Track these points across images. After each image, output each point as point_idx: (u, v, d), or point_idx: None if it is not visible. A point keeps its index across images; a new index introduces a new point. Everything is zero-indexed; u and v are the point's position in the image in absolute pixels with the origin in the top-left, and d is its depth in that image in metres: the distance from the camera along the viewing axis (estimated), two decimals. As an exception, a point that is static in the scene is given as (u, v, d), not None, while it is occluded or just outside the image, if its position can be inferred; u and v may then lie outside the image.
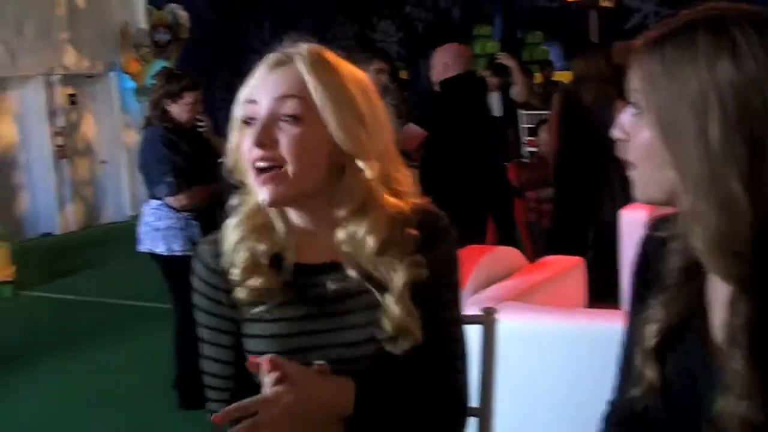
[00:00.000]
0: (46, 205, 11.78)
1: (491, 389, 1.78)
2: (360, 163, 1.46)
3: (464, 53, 5.78)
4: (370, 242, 1.47)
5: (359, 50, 5.74)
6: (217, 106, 4.79)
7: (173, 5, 13.19)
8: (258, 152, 1.43)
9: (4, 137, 11.47)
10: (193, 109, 4.66)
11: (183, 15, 13.13)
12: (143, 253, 4.68)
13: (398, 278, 1.47)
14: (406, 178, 1.57)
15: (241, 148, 1.47)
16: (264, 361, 1.39)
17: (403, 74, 11.17)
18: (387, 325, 1.47)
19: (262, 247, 1.52)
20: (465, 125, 5.56)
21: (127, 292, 7.60)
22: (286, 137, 1.43)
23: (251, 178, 1.46)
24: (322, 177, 1.47)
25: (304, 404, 1.38)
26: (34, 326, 7.09)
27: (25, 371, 5.74)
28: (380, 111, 1.52)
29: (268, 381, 1.38)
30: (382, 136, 1.51)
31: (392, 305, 1.47)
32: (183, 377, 4.69)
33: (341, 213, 1.48)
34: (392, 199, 1.51)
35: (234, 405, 1.36)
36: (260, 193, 1.45)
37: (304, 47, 1.50)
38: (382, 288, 1.49)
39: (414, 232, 1.50)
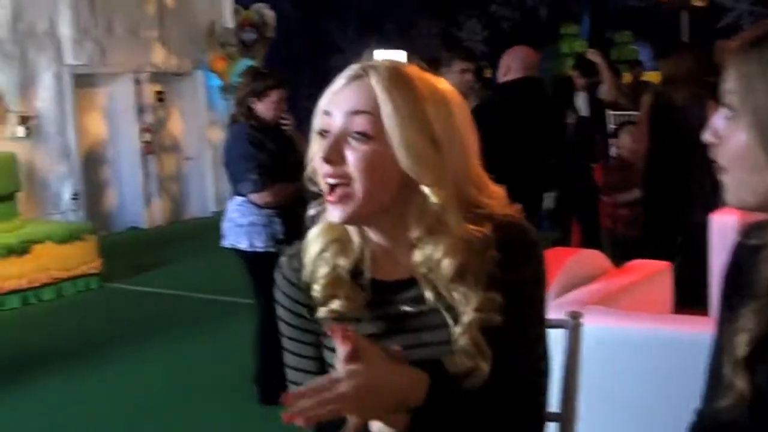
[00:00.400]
0: (132, 199, 12.02)
1: (574, 394, 1.74)
2: (425, 189, 1.41)
3: (529, 57, 5.65)
4: (446, 266, 1.41)
5: (444, 49, 5.69)
6: (301, 105, 4.81)
7: (260, 4, 13.34)
8: (327, 168, 1.40)
9: (94, 133, 11.74)
10: (278, 107, 4.71)
11: (269, 14, 13.27)
12: (226, 248, 4.74)
13: (469, 312, 1.42)
14: (494, 197, 1.50)
15: (315, 160, 1.44)
16: (339, 331, 1.34)
17: (488, 73, 11.08)
18: (451, 363, 1.42)
19: (342, 261, 1.49)
20: (514, 129, 5.40)
21: (210, 287, 7.71)
22: (354, 155, 1.39)
23: (324, 193, 1.44)
24: (393, 196, 1.42)
25: (376, 387, 1.32)
26: (119, 318, 7.23)
27: (109, 362, 5.86)
28: (460, 130, 1.45)
29: (341, 353, 1.33)
30: (461, 157, 1.44)
31: (460, 338, 1.42)
32: (264, 372, 4.73)
33: (415, 234, 1.44)
34: (468, 225, 1.43)
35: (304, 386, 1.32)
36: (330, 212, 1.43)
37: (382, 62, 1.45)
38: (455, 313, 1.44)
39: (494, 252, 1.43)
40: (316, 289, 1.49)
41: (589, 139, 7.72)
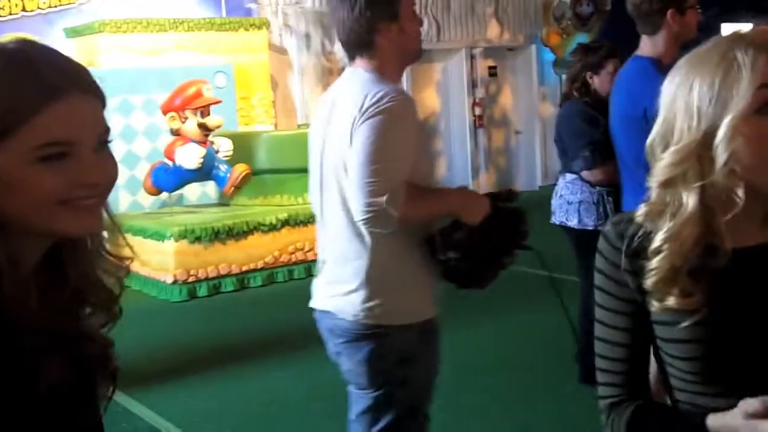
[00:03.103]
0: (461, 171, 12.32)
1: None
2: None
3: None
4: None
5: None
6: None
7: (599, -24, 13.10)
8: None
9: (428, 106, 12.14)
10: (614, 78, 4.60)
11: (607, -14, 13.01)
12: (555, 224, 4.71)
13: None
14: None
15: (760, 138, 1.34)
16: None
17: None
18: None
19: (682, 251, 1.40)
20: None
21: (535, 262, 7.70)
22: None
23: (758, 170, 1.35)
24: None
25: None
26: (446, 287, 7.42)
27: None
28: None
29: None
30: None
31: None
32: (586, 352, 4.67)
33: None
34: None
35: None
36: None
37: None
38: None
39: None
40: (649, 283, 1.42)
41: None
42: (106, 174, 1.18)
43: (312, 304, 2.88)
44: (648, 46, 3.39)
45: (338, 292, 2.74)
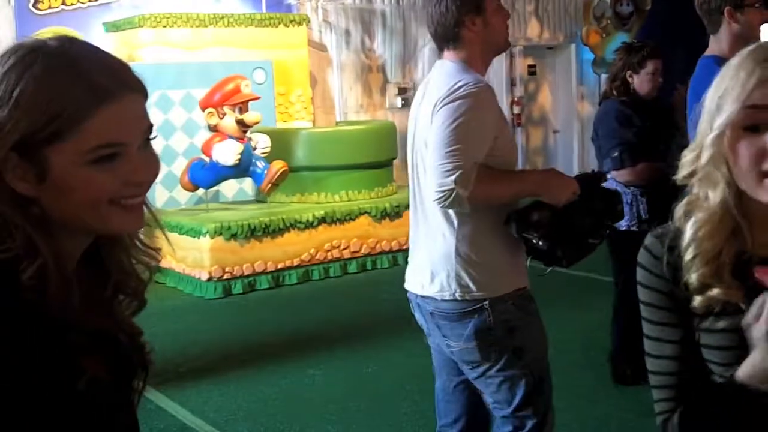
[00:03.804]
0: (499, 171, 12.26)
1: None
2: None
3: None
4: None
5: None
6: (674, 79, 4.62)
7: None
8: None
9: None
10: (654, 78, 4.59)
11: (647, -14, 12.89)
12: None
13: None
14: None
15: (739, 152, 1.35)
16: None
17: None
18: None
19: (720, 246, 1.40)
20: None
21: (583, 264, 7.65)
22: None
23: (747, 182, 1.35)
24: None
25: None
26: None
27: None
28: None
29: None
30: None
31: None
32: (619, 352, 4.67)
33: None
34: None
35: None
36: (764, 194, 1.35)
37: None
38: None
39: None
40: (692, 278, 1.41)
41: None
42: (152, 172, 1.19)
43: (407, 287, 3.00)
44: (713, 44, 3.38)
45: (431, 274, 2.86)
